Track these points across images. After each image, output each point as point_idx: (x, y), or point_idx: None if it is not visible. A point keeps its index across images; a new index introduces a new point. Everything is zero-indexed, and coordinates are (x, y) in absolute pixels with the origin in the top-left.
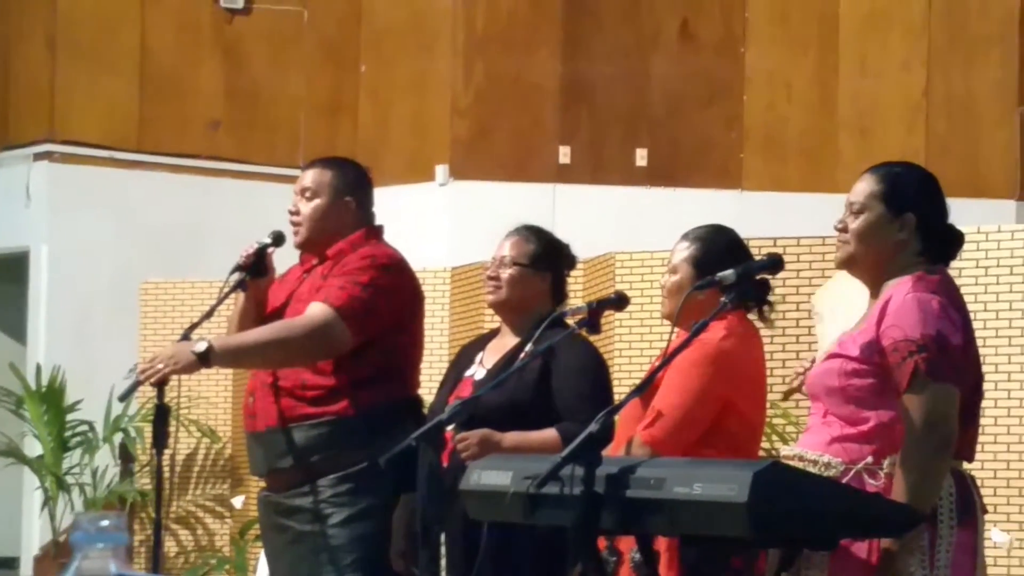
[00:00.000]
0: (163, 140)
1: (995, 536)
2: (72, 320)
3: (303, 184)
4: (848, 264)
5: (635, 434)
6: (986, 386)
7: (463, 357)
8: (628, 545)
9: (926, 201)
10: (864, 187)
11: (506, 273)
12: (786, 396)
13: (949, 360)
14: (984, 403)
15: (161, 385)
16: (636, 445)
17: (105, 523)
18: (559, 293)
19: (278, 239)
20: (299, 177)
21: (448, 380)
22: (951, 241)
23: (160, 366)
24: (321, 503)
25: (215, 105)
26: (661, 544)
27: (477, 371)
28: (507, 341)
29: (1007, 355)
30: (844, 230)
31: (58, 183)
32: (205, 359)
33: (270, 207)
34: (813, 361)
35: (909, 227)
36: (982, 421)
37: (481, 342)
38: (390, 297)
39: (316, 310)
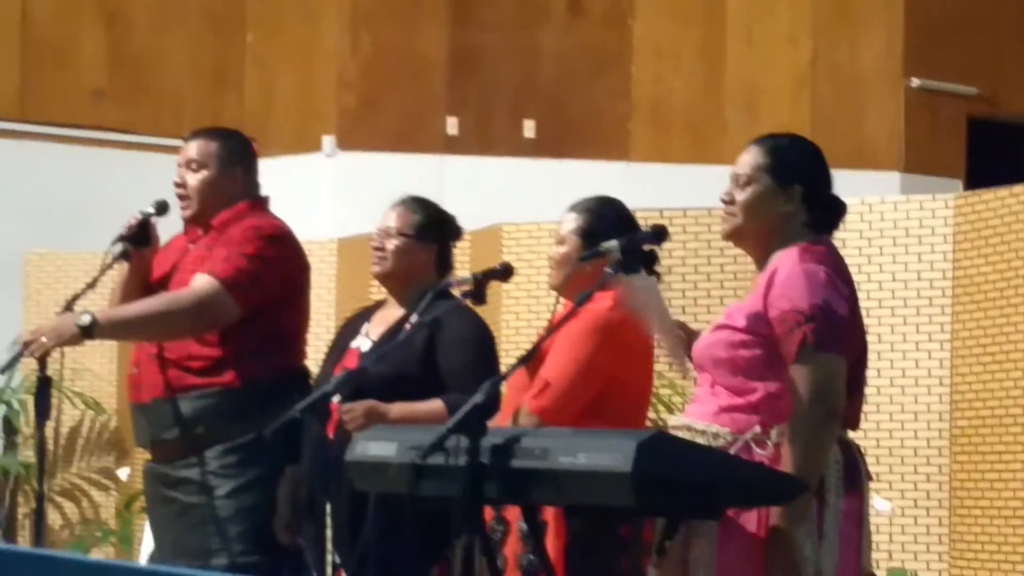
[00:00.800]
0: (46, 110)
1: (878, 504)
2: None
3: (188, 156)
4: (735, 236)
5: (522, 404)
6: (869, 355)
7: (348, 328)
8: (515, 515)
9: (812, 172)
10: (750, 159)
11: (391, 244)
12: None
13: (836, 331)
14: (867, 372)
15: (43, 358)
16: (523, 415)
17: None
18: (445, 264)
19: (161, 208)
20: (182, 149)
21: (333, 351)
22: (835, 211)
23: (43, 339)
24: (207, 474)
25: (99, 74)
26: (548, 514)
27: (363, 342)
28: (393, 312)
29: (890, 325)
30: (731, 202)
31: None
32: (89, 332)
33: (155, 178)
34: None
35: (795, 198)
36: (865, 389)
37: (366, 313)
38: (276, 268)
39: (201, 282)
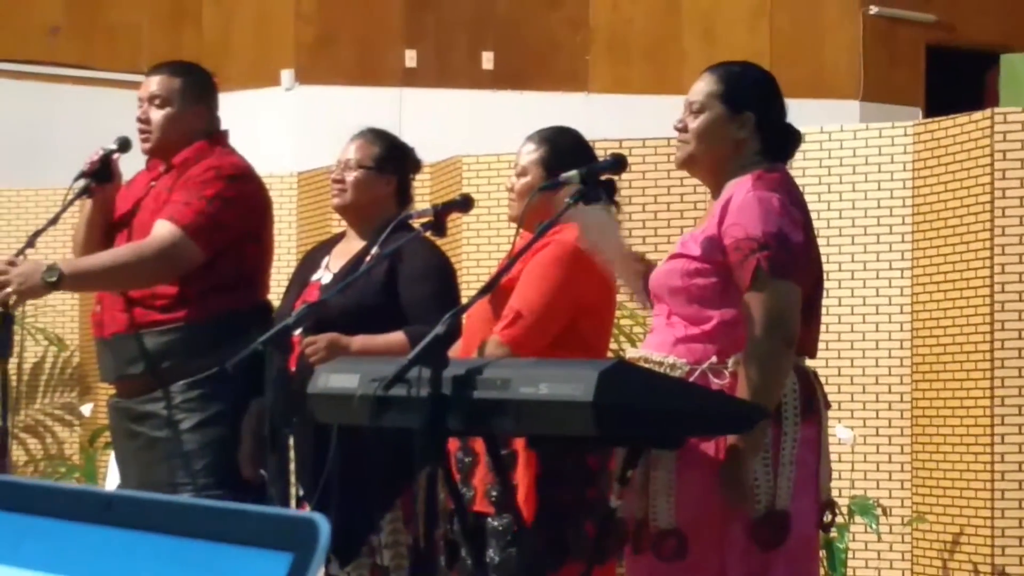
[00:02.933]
0: (2, 46)
1: (839, 432)
2: None
3: (151, 91)
4: (688, 164)
5: (492, 334)
6: (829, 284)
7: (309, 261)
8: (484, 446)
9: (764, 99)
10: (703, 86)
11: (351, 176)
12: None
13: (791, 257)
14: (827, 300)
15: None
16: (494, 345)
17: None
18: (404, 196)
19: (124, 145)
20: (144, 83)
21: (294, 285)
22: (790, 139)
23: (9, 290)
24: (172, 408)
25: (55, 10)
26: (519, 445)
27: (324, 275)
28: (353, 245)
29: (850, 253)
30: (684, 130)
31: None
32: (56, 287)
33: (113, 113)
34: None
35: (748, 126)
36: (826, 318)
37: (327, 246)
38: (237, 207)
39: (163, 230)
